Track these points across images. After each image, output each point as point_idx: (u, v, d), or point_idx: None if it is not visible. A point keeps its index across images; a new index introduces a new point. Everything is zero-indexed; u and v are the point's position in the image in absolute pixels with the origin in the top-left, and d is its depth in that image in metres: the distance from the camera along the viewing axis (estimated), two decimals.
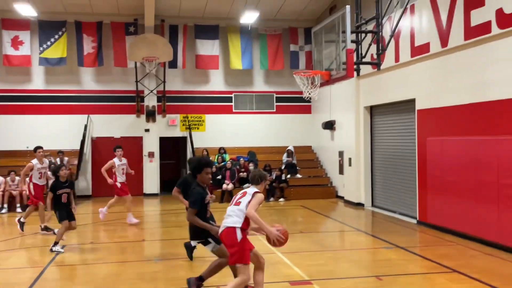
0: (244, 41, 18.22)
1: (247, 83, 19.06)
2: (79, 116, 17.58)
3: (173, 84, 18.33)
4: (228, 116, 18.93)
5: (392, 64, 12.57)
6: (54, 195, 8.97)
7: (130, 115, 18.12)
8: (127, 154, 17.99)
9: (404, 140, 12.80)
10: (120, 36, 17.49)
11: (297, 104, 18.85)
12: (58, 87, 17.66)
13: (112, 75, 18.02)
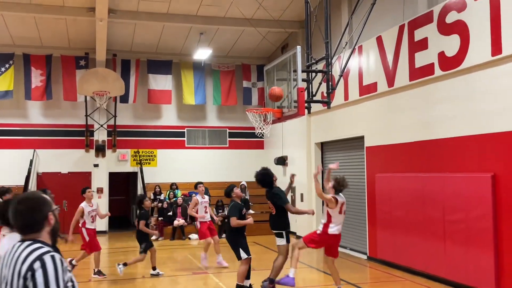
0: (197, 77, 18.29)
1: (200, 118, 19.06)
2: (24, 150, 16.96)
3: (124, 118, 18.08)
4: (181, 151, 18.79)
5: (342, 102, 12.93)
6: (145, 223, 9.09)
7: (78, 150, 17.66)
8: (74, 190, 17.52)
9: (354, 176, 13.04)
10: (70, 70, 17.18)
11: (250, 139, 18.96)
12: (3, 120, 17.04)
13: (61, 109, 17.59)
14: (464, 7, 8.83)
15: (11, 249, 2.65)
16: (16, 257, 2.56)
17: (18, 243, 2.64)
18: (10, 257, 2.60)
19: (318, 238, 7.81)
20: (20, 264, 2.51)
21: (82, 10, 14.47)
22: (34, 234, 2.67)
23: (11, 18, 15.05)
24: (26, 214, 2.66)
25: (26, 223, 2.67)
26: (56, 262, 2.52)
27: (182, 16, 15.34)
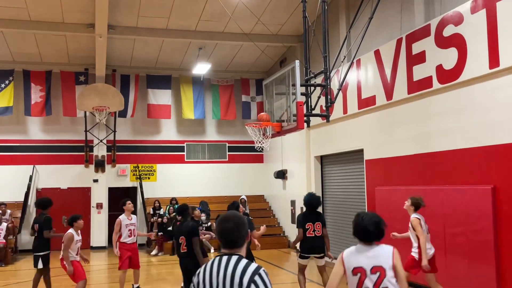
0: (197, 91, 18.36)
1: (200, 133, 19.08)
2: (24, 166, 16.96)
3: (124, 133, 18.10)
4: (180, 165, 18.78)
5: (341, 116, 12.96)
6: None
7: (78, 165, 17.65)
8: (74, 205, 17.49)
9: (353, 189, 13.04)
10: (70, 86, 17.24)
11: (250, 153, 18.98)
12: (3, 136, 17.06)
13: (60, 125, 17.62)
14: (461, 21, 8.90)
15: (215, 261, 2.95)
16: (230, 269, 2.87)
17: (224, 256, 2.94)
18: (219, 268, 2.90)
19: (418, 263, 7.69)
20: (239, 276, 2.83)
21: (81, 27, 14.56)
22: (237, 249, 2.98)
23: (11, 34, 15.14)
24: (235, 231, 2.97)
25: (234, 239, 2.97)
26: (268, 276, 2.90)
27: (181, 31, 15.45)
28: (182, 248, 7.44)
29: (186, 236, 7.42)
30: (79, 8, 13.69)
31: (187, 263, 7.35)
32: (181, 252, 7.52)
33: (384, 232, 3.98)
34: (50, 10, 13.73)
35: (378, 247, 3.97)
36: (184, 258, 7.48)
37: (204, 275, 2.95)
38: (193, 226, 7.61)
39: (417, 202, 7.86)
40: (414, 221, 7.68)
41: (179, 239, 7.56)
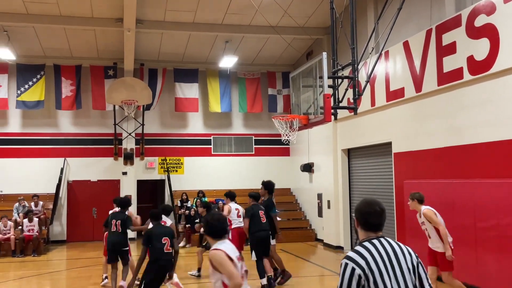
0: (223, 85, 18.43)
1: (226, 126, 19.17)
2: (55, 159, 17.34)
3: (151, 126, 18.32)
4: (207, 158, 18.91)
5: (368, 108, 12.83)
6: None
7: (107, 158, 17.95)
8: (103, 198, 17.82)
9: (381, 183, 12.92)
10: (99, 80, 17.53)
11: (276, 146, 18.98)
12: (35, 130, 17.47)
13: (90, 118, 17.94)
14: (494, 10, 8.68)
15: (380, 243, 3.03)
16: (399, 250, 3.04)
17: (381, 239, 3.06)
18: (391, 249, 3.02)
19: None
20: (409, 256, 3.05)
21: (110, 21, 14.76)
22: (381, 232, 3.12)
23: (42, 30, 15.46)
24: (383, 214, 3.12)
25: (382, 222, 3.11)
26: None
27: (207, 25, 15.50)
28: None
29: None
30: (108, 2, 13.89)
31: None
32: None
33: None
34: (80, 5, 13.96)
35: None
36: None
37: (382, 260, 2.96)
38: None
39: (419, 195, 7.65)
40: (427, 212, 7.44)
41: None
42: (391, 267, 2.95)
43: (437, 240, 7.40)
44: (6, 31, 15.05)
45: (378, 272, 2.91)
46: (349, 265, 2.94)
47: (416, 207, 7.58)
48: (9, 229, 14.55)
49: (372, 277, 2.90)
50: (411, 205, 7.64)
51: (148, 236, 6.84)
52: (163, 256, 6.82)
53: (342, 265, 2.98)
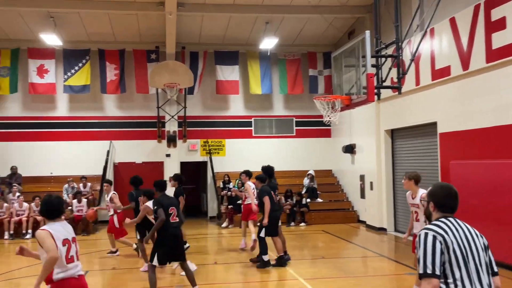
0: (264, 66, 18.40)
1: (267, 108, 19.18)
2: (101, 142, 17.85)
3: (193, 109, 18.54)
4: (248, 140, 19.02)
5: (413, 88, 12.53)
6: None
7: (151, 141, 18.33)
8: (148, 179, 18.21)
9: (426, 164, 12.66)
10: (142, 63, 17.83)
11: (317, 128, 18.88)
12: (82, 113, 18.02)
13: (134, 102, 18.32)
14: None
15: (456, 222, 3.24)
16: (473, 231, 3.26)
17: (457, 219, 3.28)
18: (466, 229, 3.24)
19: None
20: (481, 237, 3.27)
21: (152, 5, 14.93)
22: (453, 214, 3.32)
23: (86, 15, 15.81)
24: (458, 197, 3.32)
25: (457, 203, 3.32)
26: None
27: (248, 6, 15.45)
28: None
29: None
30: None
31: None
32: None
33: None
34: None
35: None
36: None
37: (458, 234, 3.17)
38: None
39: (416, 175, 7.07)
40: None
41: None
42: (467, 241, 3.15)
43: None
44: (53, 17, 15.48)
45: (456, 243, 3.10)
46: (430, 233, 3.12)
47: (412, 187, 7.00)
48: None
49: (452, 246, 3.09)
50: (406, 184, 7.04)
51: (157, 205, 7.21)
52: (171, 225, 7.18)
53: (422, 236, 3.12)
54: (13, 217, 14.70)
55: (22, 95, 17.55)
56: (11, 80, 17.13)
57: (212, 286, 7.46)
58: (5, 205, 14.99)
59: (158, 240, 7.18)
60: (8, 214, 14.83)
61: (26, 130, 17.63)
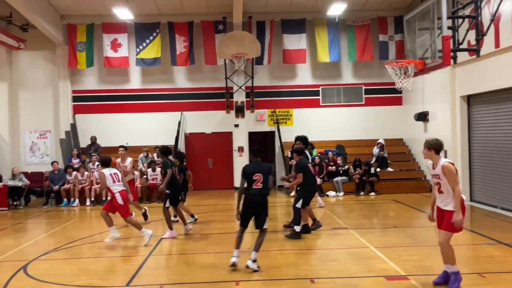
0: (331, 34, 18.02)
1: (335, 76, 18.85)
2: (173, 113, 18.38)
3: (261, 79, 18.58)
4: (316, 109, 18.87)
5: (492, 50, 11.80)
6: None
7: (220, 111, 18.63)
8: (217, 149, 18.69)
9: (507, 131, 12.01)
10: (210, 35, 18.01)
11: (387, 95, 18.39)
12: (153, 86, 18.59)
13: (202, 73, 18.63)
14: None
15: None
16: None
17: None
18: None
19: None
20: None
21: None
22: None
23: None
24: None
25: None
26: None
27: None
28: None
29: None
30: None
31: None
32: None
33: None
34: None
35: None
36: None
37: None
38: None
39: (436, 144, 6.16)
40: (449, 166, 5.97)
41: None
42: None
43: (449, 197, 6.03)
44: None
45: None
46: None
47: (432, 157, 6.18)
48: (136, 178, 15.82)
49: None
50: (426, 155, 6.22)
51: (244, 171, 7.38)
52: (251, 191, 7.28)
53: None
54: (93, 185, 15.58)
55: (98, 69, 18.35)
56: (87, 54, 17.93)
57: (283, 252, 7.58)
58: (86, 174, 15.91)
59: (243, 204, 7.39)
60: (89, 182, 15.74)
61: (102, 103, 18.49)
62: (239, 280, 6.61)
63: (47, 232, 10.82)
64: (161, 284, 6.60)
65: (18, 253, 8.76)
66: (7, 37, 16.94)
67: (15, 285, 6.73)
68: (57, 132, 18.26)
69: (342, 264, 7.37)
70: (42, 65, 18.38)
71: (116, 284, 6.76)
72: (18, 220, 13.03)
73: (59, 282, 6.79)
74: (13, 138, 18.19)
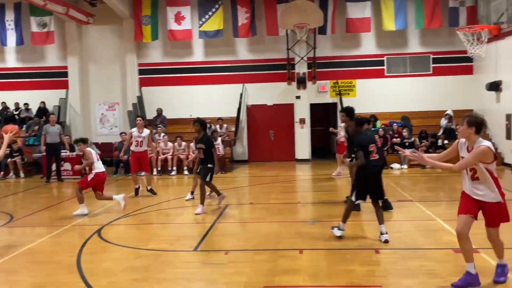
0: (398, 0, 17.35)
1: (401, 45, 18.22)
2: (235, 85, 18.52)
3: (323, 50, 18.27)
4: (380, 80, 18.39)
5: None
6: None
7: (281, 83, 18.55)
8: (279, 121, 18.69)
9: None
10: (272, 5, 17.86)
11: (457, 64, 17.61)
12: (216, 58, 18.76)
13: (264, 44, 18.57)
14: None
15: None
16: None
17: None
18: None
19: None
20: None
21: None
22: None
23: None
24: None
25: None
26: None
27: None
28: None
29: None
30: None
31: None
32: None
33: None
34: None
35: None
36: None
37: None
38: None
39: (478, 121, 4.97)
40: (482, 151, 4.90)
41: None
42: None
43: (487, 187, 5.07)
44: None
45: None
46: None
47: (471, 137, 4.99)
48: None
49: None
50: (464, 132, 5.00)
51: (360, 142, 7.05)
52: (370, 163, 6.97)
53: None
54: (159, 156, 16.09)
55: (162, 42, 18.72)
56: (152, 28, 18.33)
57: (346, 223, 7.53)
58: (153, 144, 16.42)
59: (358, 177, 7.11)
60: (155, 153, 16.27)
61: (167, 75, 18.91)
62: (303, 249, 6.66)
63: (136, 196, 11.46)
64: (227, 250, 6.78)
65: (92, 218, 9.26)
66: (77, 12, 17.63)
67: (91, 247, 7.15)
68: (124, 104, 18.94)
69: (408, 236, 7.25)
70: (110, 39, 19.01)
71: (184, 249, 7.01)
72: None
73: (131, 246, 7.13)
74: (84, 110, 19.08)
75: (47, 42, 18.59)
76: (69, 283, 5.57)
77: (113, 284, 5.50)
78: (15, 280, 5.77)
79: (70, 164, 15.40)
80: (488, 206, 5.06)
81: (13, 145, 16.40)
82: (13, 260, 6.61)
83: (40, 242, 7.56)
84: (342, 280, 5.42)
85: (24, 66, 19.42)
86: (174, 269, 6.04)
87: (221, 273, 5.80)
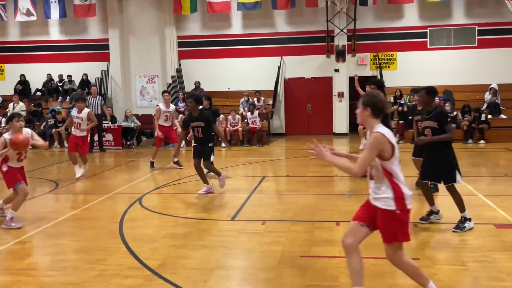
0: None
1: (445, 16, 17.60)
2: (273, 58, 18.39)
3: (363, 21, 17.86)
4: (422, 53, 17.90)
5: None
6: None
7: (320, 56, 18.31)
8: (317, 94, 18.52)
9: None
10: None
11: (504, 36, 16.99)
12: (254, 30, 18.63)
13: (303, 16, 18.28)
14: None
15: None
16: None
17: None
18: None
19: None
20: None
21: None
22: None
23: None
24: None
25: None
26: None
27: None
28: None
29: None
30: None
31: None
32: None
33: None
34: None
35: None
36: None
37: None
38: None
39: (372, 100, 3.89)
40: (375, 138, 3.80)
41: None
42: None
43: (382, 185, 3.93)
44: None
45: None
46: None
47: (367, 120, 3.94)
48: (237, 121, 16.31)
49: None
50: (360, 115, 3.97)
51: (447, 114, 6.51)
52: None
53: None
54: None
55: (201, 14, 18.71)
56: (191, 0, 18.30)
57: None
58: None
59: (451, 155, 6.29)
60: None
61: (205, 48, 18.95)
62: (340, 221, 6.68)
63: (156, 170, 11.60)
64: (263, 220, 6.87)
65: (133, 187, 9.53)
66: None
67: (132, 214, 7.38)
68: (164, 76, 19.15)
69: (449, 210, 7.11)
70: (150, 11, 19.13)
71: (222, 218, 7.15)
72: (131, 158, 14.07)
73: (170, 214, 7.32)
74: (125, 82, 19.41)
75: (89, 14, 18.90)
76: (112, 248, 5.78)
77: (153, 249, 5.68)
78: (60, 244, 6.03)
79: (112, 135, 15.84)
80: (379, 213, 3.90)
81: (57, 116, 16.93)
82: (58, 225, 6.90)
83: (83, 208, 7.85)
84: (378, 253, 5.40)
85: (67, 38, 19.83)
86: (212, 237, 6.18)
87: (258, 242, 5.89)
